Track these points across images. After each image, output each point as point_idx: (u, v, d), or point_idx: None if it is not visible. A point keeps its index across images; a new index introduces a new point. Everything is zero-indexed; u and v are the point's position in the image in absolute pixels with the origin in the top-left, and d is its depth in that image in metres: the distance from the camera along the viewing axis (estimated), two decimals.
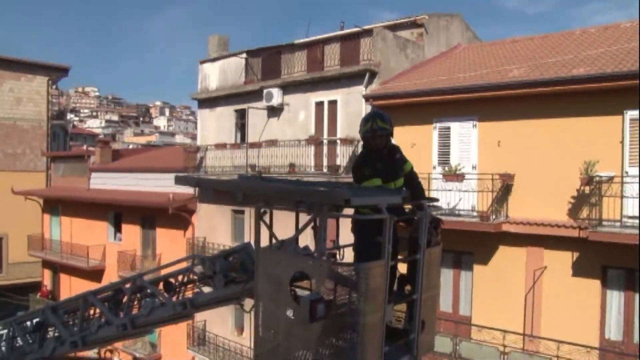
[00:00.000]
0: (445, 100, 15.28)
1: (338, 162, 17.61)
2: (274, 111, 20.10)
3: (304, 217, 5.32)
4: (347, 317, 4.60)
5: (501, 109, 14.46)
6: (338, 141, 17.82)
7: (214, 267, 6.92)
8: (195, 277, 7.58)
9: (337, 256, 5.98)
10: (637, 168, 12.31)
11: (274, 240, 5.49)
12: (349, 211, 5.04)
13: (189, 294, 7.68)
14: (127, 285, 8.11)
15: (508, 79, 14.27)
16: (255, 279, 5.31)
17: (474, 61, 17.58)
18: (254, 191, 5.50)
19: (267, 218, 5.34)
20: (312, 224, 5.17)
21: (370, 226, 4.78)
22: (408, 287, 5.40)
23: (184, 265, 7.89)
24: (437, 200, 6.40)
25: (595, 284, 13.11)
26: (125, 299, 8.07)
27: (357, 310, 4.46)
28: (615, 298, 13.06)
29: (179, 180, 7.25)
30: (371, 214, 4.74)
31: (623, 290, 12.96)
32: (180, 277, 7.69)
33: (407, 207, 5.61)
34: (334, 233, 5.74)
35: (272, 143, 19.30)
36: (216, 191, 22.13)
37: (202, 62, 23.66)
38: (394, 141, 5.90)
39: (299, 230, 5.46)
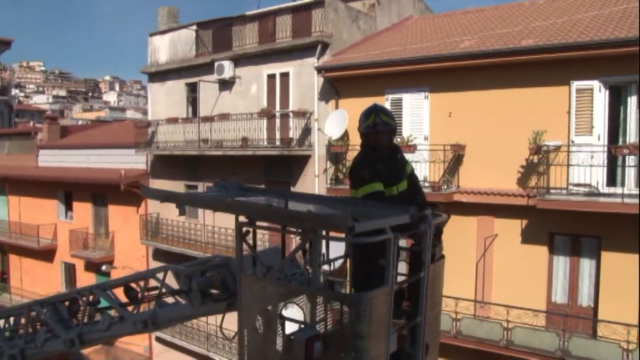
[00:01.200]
0: (397, 71, 15.31)
1: (291, 134, 17.52)
2: (226, 84, 19.78)
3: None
4: (348, 350, 4.00)
5: (452, 80, 14.59)
6: (290, 114, 17.70)
7: (190, 283, 6.10)
8: (165, 290, 6.55)
9: (331, 272, 5.35)
10: (583, 137, 12.67)
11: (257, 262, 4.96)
12: None
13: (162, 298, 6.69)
14: (83, 296, 7.10)
15: (459, 50, 14.38)
16: (238, 308, 4.66)
17: (426, 32, 17.62)
18: (235, 210, 4.71)
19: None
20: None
21: (371, 244, 4.07)
22: (406, 303, 4.80)
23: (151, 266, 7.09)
24: (438, 207, 5.42)
25: (543, 250, 13.51)
26: (81, 308, 7.15)
27: (358, 342, 3.90)
28: (562, 263, 13.51)
29: (145, 193, 6.60)
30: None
31: (569, 256, 13.42)
32: (142, 283, 6.70)
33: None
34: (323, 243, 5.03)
35: (224, 117, 19.01)
36: (169, 166, 21.83)
37: (152, 35, 22.99)
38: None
39: (287, 257, 5.04)
